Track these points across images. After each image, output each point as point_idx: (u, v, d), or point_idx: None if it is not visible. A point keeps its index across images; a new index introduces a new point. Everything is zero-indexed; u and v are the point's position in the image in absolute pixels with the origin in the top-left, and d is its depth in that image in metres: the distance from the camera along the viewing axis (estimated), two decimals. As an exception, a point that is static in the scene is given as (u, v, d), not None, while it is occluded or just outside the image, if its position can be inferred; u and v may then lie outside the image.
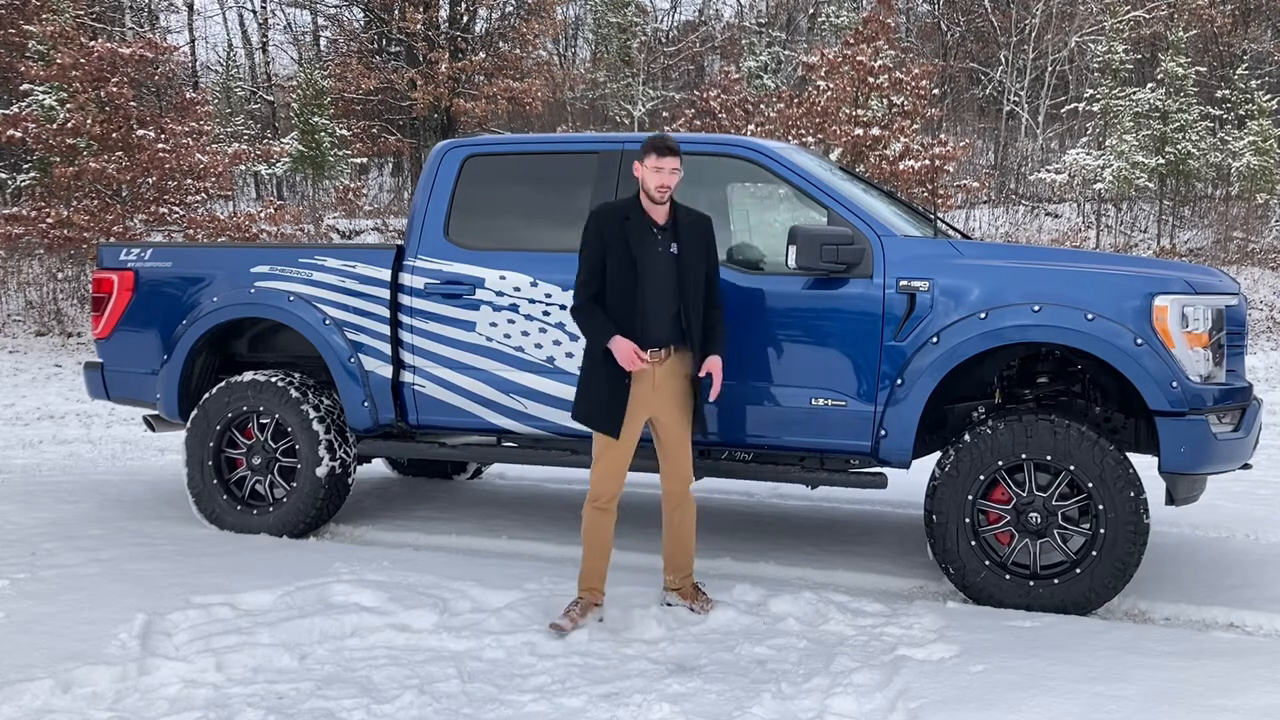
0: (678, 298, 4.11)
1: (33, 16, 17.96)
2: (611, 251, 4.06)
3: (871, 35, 17.61)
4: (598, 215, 4.12)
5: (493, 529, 5.84)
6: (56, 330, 15.90)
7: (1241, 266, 16.64)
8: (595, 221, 4.11)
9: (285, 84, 27.36)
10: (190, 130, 16.94)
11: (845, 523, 6.06)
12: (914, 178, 16.62)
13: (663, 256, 4.09)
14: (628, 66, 25.91)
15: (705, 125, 20.94)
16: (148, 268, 5.84)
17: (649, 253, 4.07)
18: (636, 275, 4.05)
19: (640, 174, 4.08)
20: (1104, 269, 4.53)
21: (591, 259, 4.10)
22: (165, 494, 6.52)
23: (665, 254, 4.09)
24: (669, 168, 4.03)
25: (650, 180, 4.04)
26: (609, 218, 4.09)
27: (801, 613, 4.30)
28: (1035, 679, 3.47)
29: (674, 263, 4.09)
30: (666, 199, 4.08)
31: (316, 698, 3.46)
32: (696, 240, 4.15)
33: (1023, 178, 21.77)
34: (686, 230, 4.14)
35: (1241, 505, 6.28)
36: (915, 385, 4.51)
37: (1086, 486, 4.31)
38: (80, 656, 3.67)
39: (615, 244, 4.05)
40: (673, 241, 4.10)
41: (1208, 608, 4.48)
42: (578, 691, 3.53)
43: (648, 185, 4.05)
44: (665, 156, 4.02)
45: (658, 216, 4.11)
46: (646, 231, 4.08)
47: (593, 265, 4.10)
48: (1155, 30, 22.84)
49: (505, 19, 25.70)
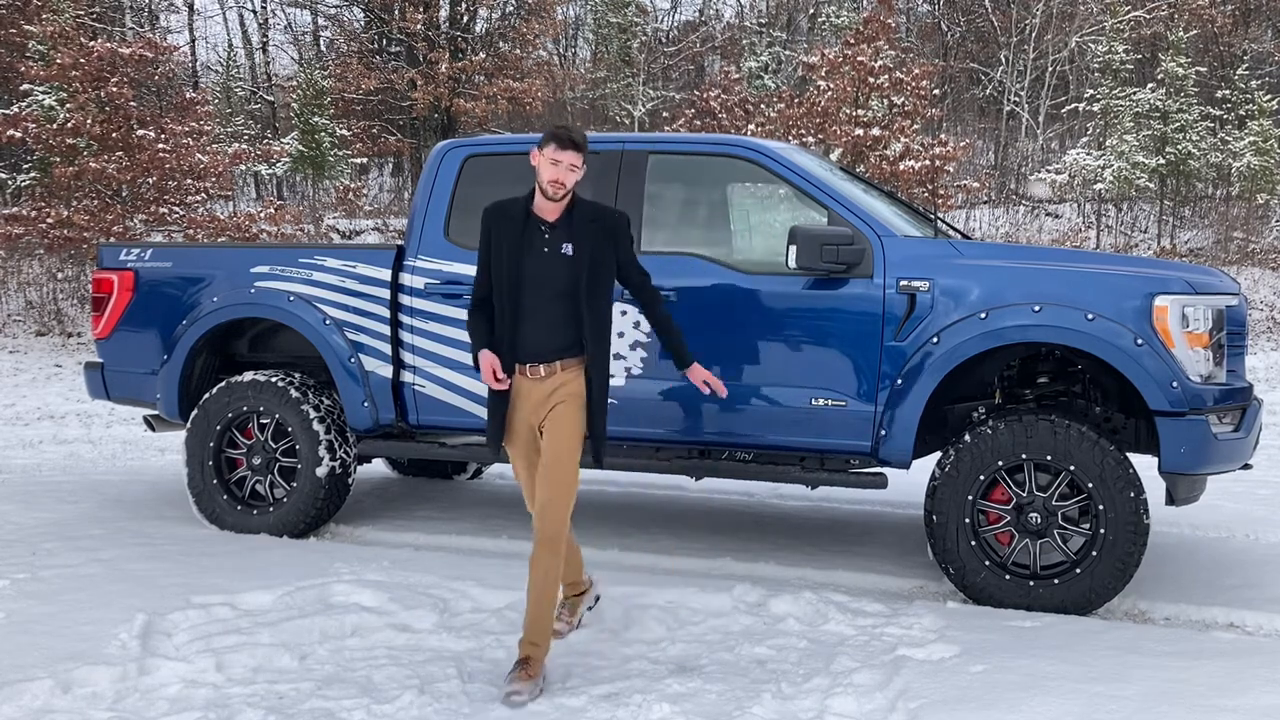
0: (572, 305, 3.63)
1: (33, 16, 17.96)
2: (496, 251, 3.65)
3: (872, 35, 17.61)
4: (488, 212, 3.72)
5: (493, 529, 5.84)
6: (57, 330, 15.90)
7: (1242, 267, 16.64)
8: (485, 218, 3.71)
9: (285, 84, 27.37)
10: (190, 130, 16.94)
11: (845, 523, 6.06)
12: (914, 178, 16.61)
13: (550, 259, 3.61)
14: (628, 66, 25.91)
15: (705, 125, 20.94)
16: (148, 268, 5.84)
17: (533, 254, 3.61)
18: (518, 279, 3.62)
19: (536, 164, 3.62)
20: (1104, 269, 4.53)
21: (481, 260, 3.72)
22: (165, 494, 6.52)
23: (554, 255, 3.61)
24: (567, 163, 3.57)
25: (544, 173, 3.58)
26: (497, 214, 3.69)
27: (801, 613, 4.29)
28: (1035, 679, 3.47)
29: (567, 266, 3.61)
30: (561, 196, 3.60)
31: (317, 698, 3.46)
32: (598, 239, 3.65)
33: (1023, 178, 21.76)
34: (583, 228, 3.65)
35: (1241, 505, 6.28)
36: (915, 385, 4.51)
37: (1086, 487, 4.31)
38: (80, 656, 3.67)
39: (499, 243, 3.64)
40: (565, 241, 3.61)
41: (1208, 608, 4.48)
42: (578, 691, 3.53)
43: (540, 178, 3.60)
44: (565, 150, 3.57)
45: (548, 214, 3.64)
46: (533, 230, 3.63)
47: (482, 267, 3.72)
48: (1155, 30, 22.84)
49: (505, 19, 25.70)
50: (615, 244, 3.71)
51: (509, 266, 3.61)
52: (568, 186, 3.60)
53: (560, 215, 3.65)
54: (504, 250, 3.62)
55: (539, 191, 3.62)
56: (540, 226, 3.64)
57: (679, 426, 4.91)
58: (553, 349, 3.65)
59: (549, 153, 3.57)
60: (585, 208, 3.70)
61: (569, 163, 3.58)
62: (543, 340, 3.65)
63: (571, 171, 3.59)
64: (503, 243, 3.62)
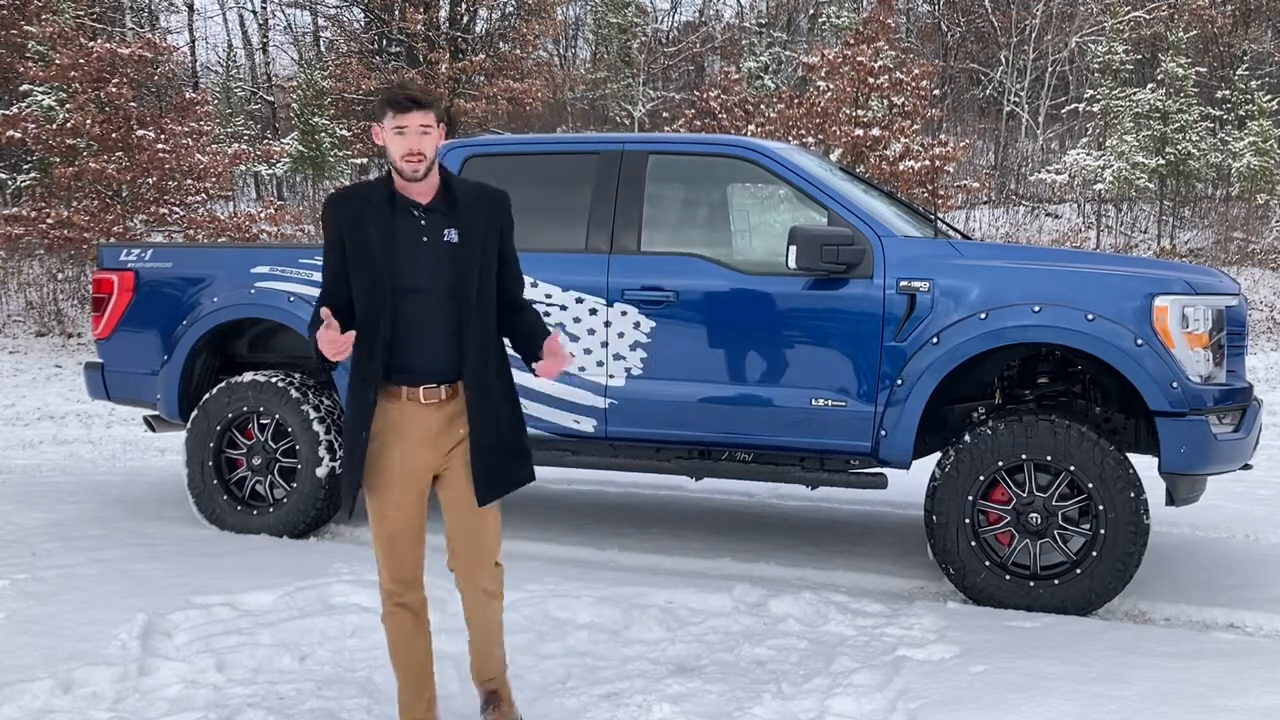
0: (457, 307, 2.93)
1: (33, 17, 17.97)
2: (357, 249, 2.89)
3: (872, 36, 17.61)
4: (335, 203, 2.96)
5: (493, 529, 5.83)
6: (57, 331, 15.89)
7: (1242, 267, 16.64)
8: (331, 212, 2.95)
9: (285, 84, 27.37)
10: (190, 130, 16.93)
11: (845, 523, 6.06)
12: (914, 178, 16.61)
13: (431, 249, 2.90)
14: (628, 67, 25.91)
15: (705, 126, 20.93)
16: (148, 268, 5.84)
17: (409, 245, 2.90)
18: (395, 279, 2.87)
19: (383, 141, 2.91)
20: (1104, 269, 4.54)
21: (331, 265, 2.96)
22: (165, 494, 6.52)
23: (436, 244, 2.91)
24: (416, 126, 2.83)
25: (395, 149, 2.86)
26: (349, 203, 2.94)
27: (802, 613, 4.29)
28: (1035, 679, 3.47)
29: (450, 256, 2.91)
30: (424, 172, 2.87)
31: (317, 698, 3.46)
32: (487, 223, 2.98)
33: (1023, 178, 21.77)
34: (469, 210, 2.96)
35: (1242, 505, 6.28)
36: (915, 386, 4.51)
37: (1087, 487, 4.32)
38: (80, 657, 3.67)
39: (360, 238, 2.89)
40: (448, 226, 2.93)
41: (1208, 608, 4.48)
42: (578, 692, 3.53)
43: (393, 158, 2.88)
44: (407, 112, 2.83)
45: (417, 194, 2.92)
46: (404, 213, 2.91)
47: (331, 271, 2.96)
48: (1155, 31, 22.85)
49: (505, 19, 25.70)
50: (501, 229, 3.03)
51: (382, 265, 2.87)
52: (428, 156, 2.86)
53: (435, 195, 2.94)
54: (370, 245, 2.88)
55: (396, 176, 2.91)
56: (412, 210, 2.91)
57: (679, 426, 4.91)
58: (451, 364, 2.95)
59: (390, 122, 2.85)
60: (464, 185, 3.03)
61: (418, 125, 2.84)
62: (437, 354, 2.94)
63: (425, 135, 2.85)
64: (366, 236, 2.88)
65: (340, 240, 2.92)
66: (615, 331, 4.91)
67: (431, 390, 2.95)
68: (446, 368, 2.96)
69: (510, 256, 3.10)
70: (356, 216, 2.91)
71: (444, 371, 2.95)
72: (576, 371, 4.99)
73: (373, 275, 2.88)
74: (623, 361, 4.91)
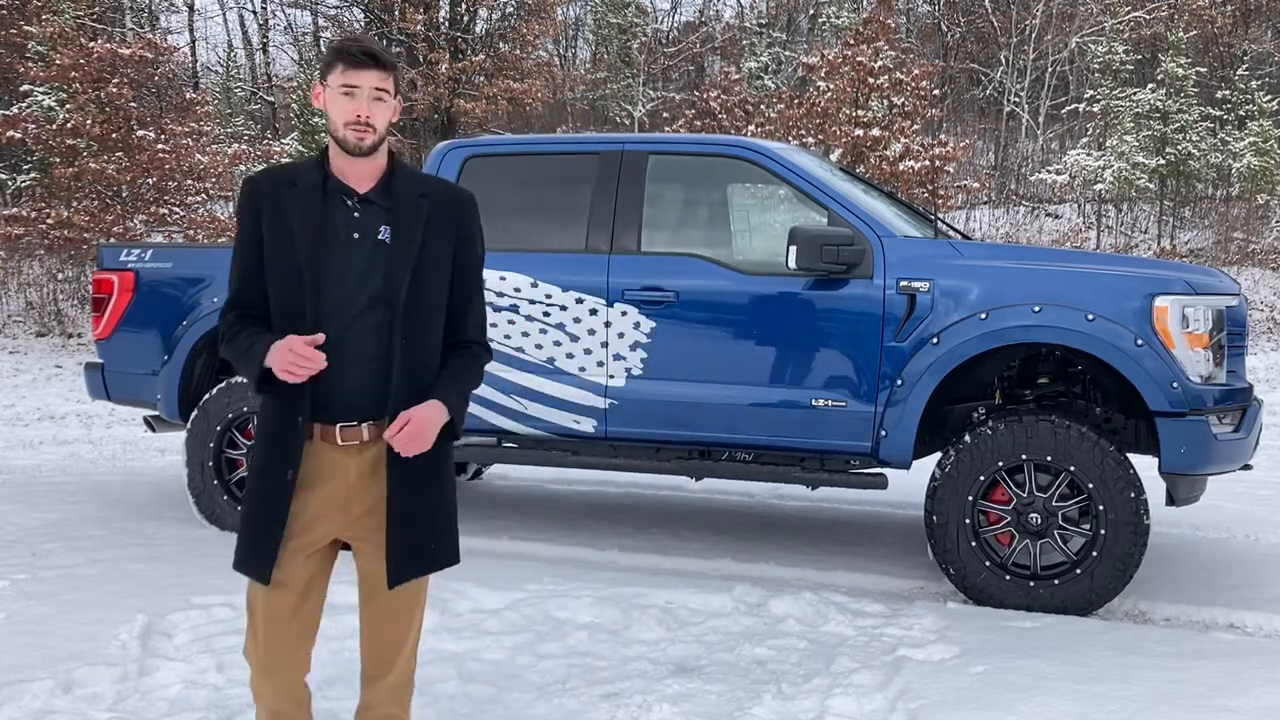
0: (386, 324, 2.34)
1: (33, 17, 17.97)
2: (275, 242, 2.34)
3: (872, 36, 17.61)
4: (254, 185, 2.41)
5: (493, 529, 5.83)
6: (57, 331, 15.90)
7: (1242, 267, 16.64)
8: (249, 195, 2.40)
9: (285, 84, 27.35)
10: (190, 131, 16.94)
11: (845, 523, 6.06)
12: (914, 178, 16.61)
13: (364, 246, 2.34)
14: (628, 67, 25.91)
15: (705, 126, 20.93)
16: (148, 268, 5.84)
17: (337, 239, 2.33)
18: (318, 282, 2.31)
19: (324, 104, 2.35)
20: (1104, 269, 4.54)
21: (241, 258, 2.40)
22: (166, 495, 6.52)
23: (367, 243, 2.35)
24: (369, 88, 2.29)
25: (338, 111, 2.31)
26: (271, 185, 2.39)
27: (802, 613, 4.29)
28: (1036, 680, 3.47)
29: (385, 261, 2.35)
30: (370, 146, 2.33)
31: (317, 698, 3.45)
32: (438, 226, 2.40)
33: (1023, 178, 21.77)
34: (414, 206, 2.39)
35: (1242, 506, 6.28)
36: (915, 386, 4.51)
37: (1087, 487, 4.32)
38: (81, 657, 3.67)
39: (279, 228, 2.34)
40: (383, 223, 2.36)
41: (1208, 608, 4.48)
42: (578, 692, 3.53)
43: (334, 123, 2.32)
44: (362, 69, 2.29)
45: (356, 179, 2.37)
46: (336, 202, 2.35)
47: (243, 269, 2.40)
48: (1155, 31, 22.85)
49: (505, 19, 25.69)
50: (458, 237, 2.44)
51: (304, 264, 2.31)
52: (378, 128, 2.33)
53: (378, 184, 2.39)
54: (291, 239, 2.32)
55: (335, 147, 2.36)
56: (345, 199, 2.36)
57: (679, 426, 4.91)
58: (376, 397, 2.36)
59: (338, 79, 2.30)
60: (419, 178, 2.47)
61: (372, 87, 2.30)
62: (361, 383, 2.35)
63: (379, 101, 2.31)
64: (287, 227, 2.33)
65: (256, 230, 2.37)
66: (615, 332, 4.91)
67: (350, 429, 2.35)
68: (370, 401, 2.35)
69: (468, 273, 2.46)
70: (278, 202, 2.35)
71: (366, 406, 2.36)
72: (577, 371, 4.99)
73: (292, 277, 2.31)
74: (623, 362, 4.91)
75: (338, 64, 2.30)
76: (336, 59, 2.31)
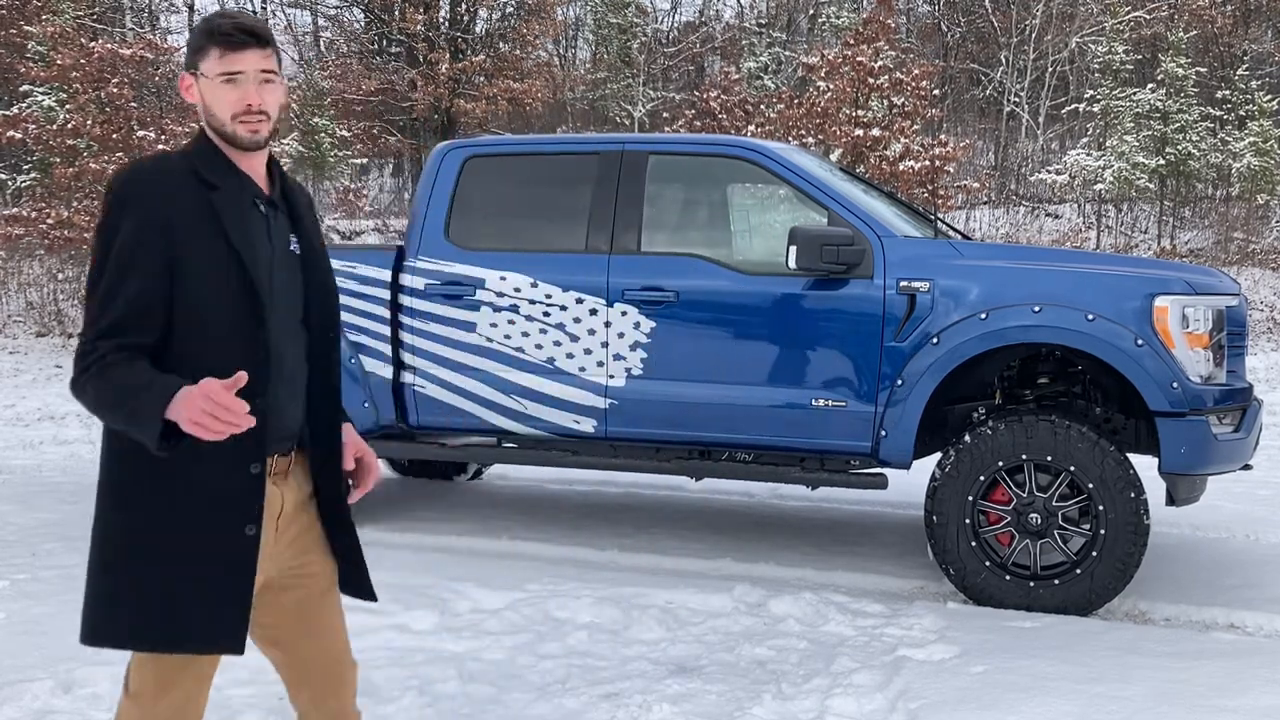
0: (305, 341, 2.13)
1: (33, 17, 17.97)
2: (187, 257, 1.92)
3: (872, 36, 17.61)
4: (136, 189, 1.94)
5: (493, 529, 5.83)
6: (57, 331, 15.89)
7: (1242, 267, 16.64)
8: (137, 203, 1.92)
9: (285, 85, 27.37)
10: (191, 131, 16.94)
11: (845, 523, 6.06)
12: (914, 178, 16.61)
13: (284, 260, 2.08)
14: (628, 67, 25.91)
15: (705, 126, 20.92)
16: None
17: (261, 251, 2.02)
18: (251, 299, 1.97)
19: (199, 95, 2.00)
20: (1104, 269, 4.54)
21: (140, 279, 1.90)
22: (165, 494, 6.51)
23: (281, 254, 2.08)
24: (254, 71, 1.97)
25: (221, 103, 1.97)
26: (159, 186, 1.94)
27: (802, 613, 4.30)
28: (1036, 680, 3.47)
29: (298, 271, 2.12)
30: (265, 138, 2.02)
31: None
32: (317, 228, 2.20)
33: (1023, 178, 21.77)
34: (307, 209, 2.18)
35: (1242, 506, 6.28)
36: (915, 386, 4.51)
37: (1087, 487, 4.31)
38: (80, 657, 3.66)
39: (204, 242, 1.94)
40: (290, 232, 2.11)
41: (1208, 608, 4.48)
42: (578, 692, 3.53)
43: (218, 114, 1.98)
44: (241, 49, 1.95)
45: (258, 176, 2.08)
46: (248, 208, 2.02)
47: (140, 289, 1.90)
48: (1155, 31, 22.85)
49: (505, 19, 25.70)
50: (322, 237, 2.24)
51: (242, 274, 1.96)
52: (272, 115, 2.01)
53: (271, 183, 2.11)
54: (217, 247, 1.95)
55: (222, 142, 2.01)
56: (257, 202, 2.05)
57: (679, 426, 4.91)
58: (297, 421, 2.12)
59: (214, 65, 1.96)
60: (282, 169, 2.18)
61: (258, 70, 1.98)
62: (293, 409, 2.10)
63: (268, 84, 1.99)
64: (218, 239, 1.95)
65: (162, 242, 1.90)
66: (615, 332, 4.91)
67: (285, 459, 2.10)
68: (299, 425, 2.13)
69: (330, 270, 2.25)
70: (201, 208, 1.95)
71: (297, 431, 2.12)
72: (577, 371, 4.99)
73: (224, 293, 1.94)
74: (623, 362, 4.91)
75: (210, 48, 1.96)
76: (208, 41, 1.96)
